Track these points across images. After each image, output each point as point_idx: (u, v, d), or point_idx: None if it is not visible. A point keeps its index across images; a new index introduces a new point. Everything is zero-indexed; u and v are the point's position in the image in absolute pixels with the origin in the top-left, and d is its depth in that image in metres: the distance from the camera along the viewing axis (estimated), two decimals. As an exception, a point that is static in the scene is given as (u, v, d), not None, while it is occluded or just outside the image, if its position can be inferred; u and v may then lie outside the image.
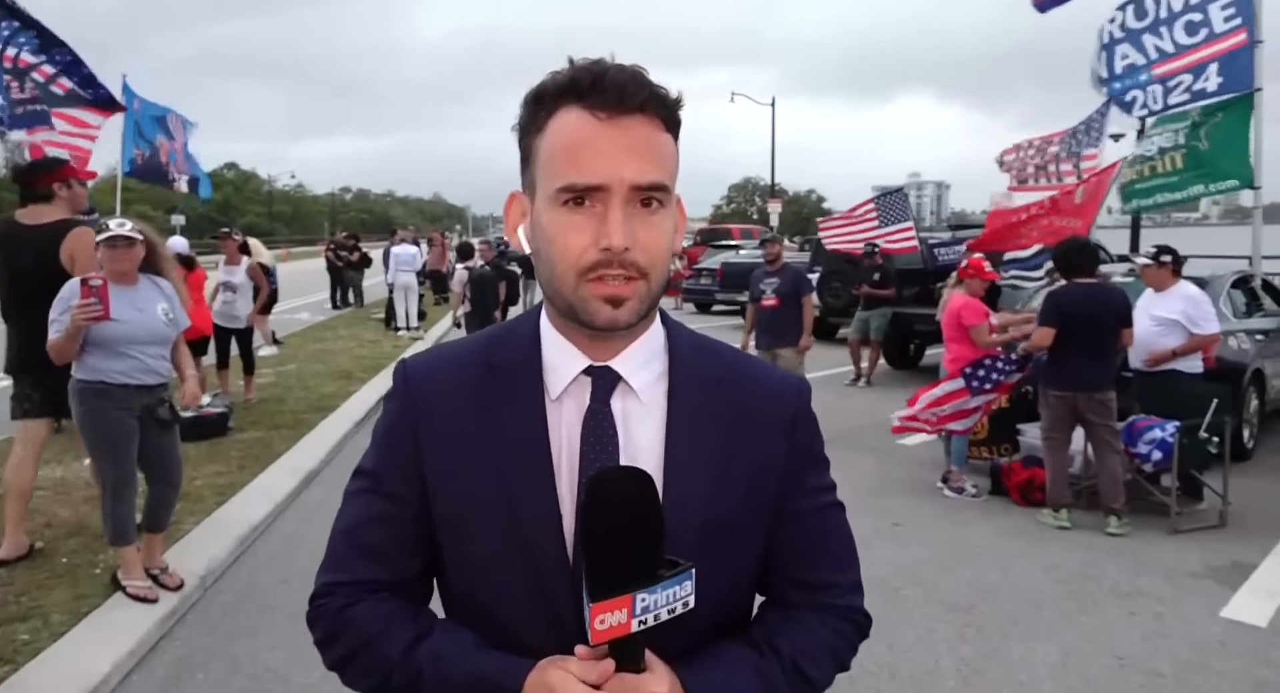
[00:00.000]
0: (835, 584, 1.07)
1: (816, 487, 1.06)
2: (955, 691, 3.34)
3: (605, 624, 0.82)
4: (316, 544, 4.20)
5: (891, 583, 4.35)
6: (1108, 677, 3.44)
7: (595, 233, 0.89)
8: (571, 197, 0.90)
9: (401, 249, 14.77)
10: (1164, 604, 4.13)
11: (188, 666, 3.51)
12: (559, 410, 0.98)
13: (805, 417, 1.06)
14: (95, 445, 3.77)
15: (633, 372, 0.98)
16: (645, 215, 0.91)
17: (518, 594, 0.96)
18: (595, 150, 0.89)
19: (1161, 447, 5.22)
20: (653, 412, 0.99)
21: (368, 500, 1.02)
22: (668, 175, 0.93)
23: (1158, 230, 76.24)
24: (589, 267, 0.90)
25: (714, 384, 1.01)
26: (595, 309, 0.91)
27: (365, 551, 1.02)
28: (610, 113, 0.90)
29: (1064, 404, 5.25)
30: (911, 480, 6.21)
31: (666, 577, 0.84)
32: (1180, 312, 5.46)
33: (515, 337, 1.03)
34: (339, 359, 11.21)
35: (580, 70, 0.91)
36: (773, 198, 34.65)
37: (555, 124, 0.92)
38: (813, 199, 67.01)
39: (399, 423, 1.02)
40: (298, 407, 8.11)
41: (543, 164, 0.93)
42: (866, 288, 10.07)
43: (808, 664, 1.00)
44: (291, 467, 6.20)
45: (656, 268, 0.92)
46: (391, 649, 0.97)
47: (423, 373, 1.03)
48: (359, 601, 1.00)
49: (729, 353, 1.08)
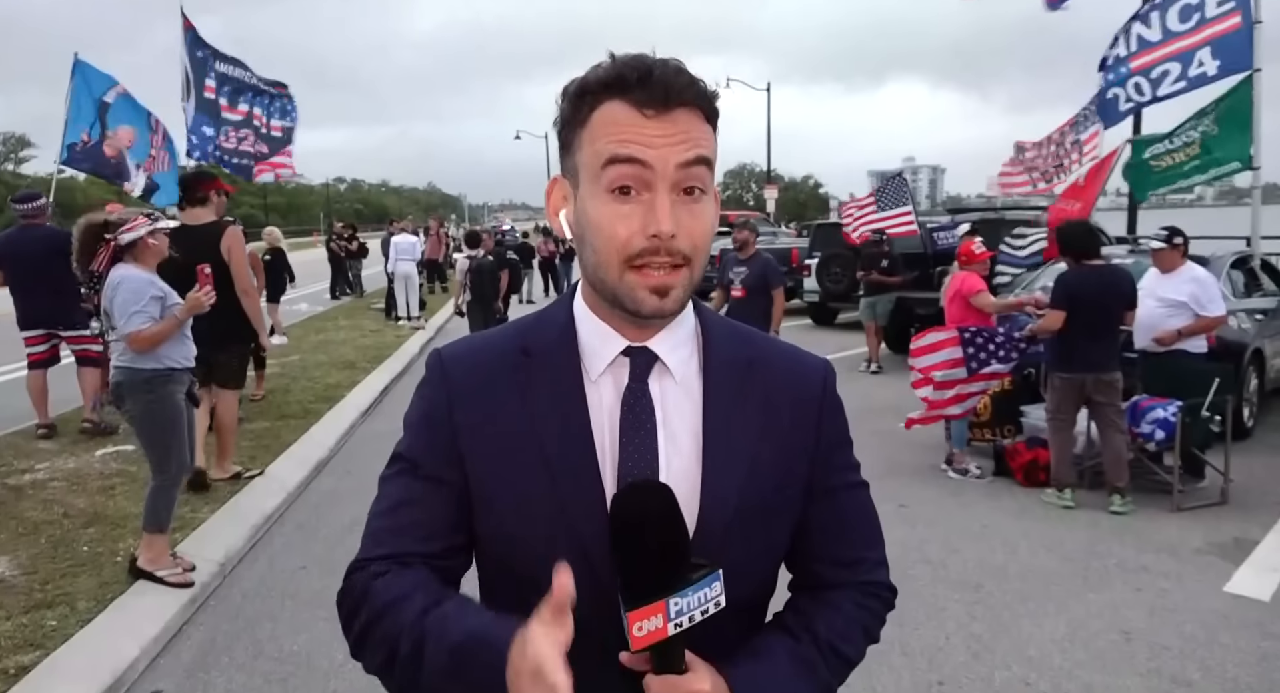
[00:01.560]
0: (864, 560, 1.10)
1: (844, 466, 1.10)
2: (966, 665, 3.41)
3: (644, 631, 0.85)
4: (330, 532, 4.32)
5: (900, 563, 4.38)
6: (1115, 650, 3.52)
7: (643, 220, 0.91)
8: (619, 184, 0.93)
9: (401, 239, 14.76)
10: (1169, 580, 4.20)
11: (212, 650, 3.57)
12: (598, 391, 1.01)
13: (832, 398, 1.09)
14: (164, 432, 3.88)
15: (668, 352, 1.01)
16: (689, 203, 0.94)
17: None
18: (642, 136, 0.91)
19: (1164, 426, 5.28)
20: (689, 393, 1.01)
21: (407, 482, 1.03)
22: (711, 153, 0.95)
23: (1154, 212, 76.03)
24: (635, 254, 0.92)
25: (745, 367, 1.04)
26: (642, 298, 0.94)
27: (402, 529, 1.02)
28: (657, 109, 0.92)
29: (1071, 386, 5.30)
30: (916, 463, 6.28)
31: (696, 580, 0.88)
32: (1189, 294, 5.51)
33: (549, 322, 1.05)
34: (342, 350, 11.24)
35: (625, 66, 0.93)
36: (769, 184, 34.60)
37: (599, 116, 0.94)
38: (809, 185, 66.81)
39: (436, 408, 1.03)
40: (304, 397, 8.14)
41: (587, 152, 0.95)
42: (875, 274, 10.09)
43: (842, 643, 1.04)
44: (301, 456, 6.25)
45: (699, 254, 0.95)
46: (406, 615, 0.94)
47: (459, 359, 1.05)
48: (388, 571, 1.00)
49: (757, 336, 1.10)
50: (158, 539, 3.91)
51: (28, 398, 6.64)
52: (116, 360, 3.92)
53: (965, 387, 5.78)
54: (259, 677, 3.36)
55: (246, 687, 3.29)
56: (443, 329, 13.72)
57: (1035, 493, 5.53)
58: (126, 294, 3.85)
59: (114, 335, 3.93)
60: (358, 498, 5.49)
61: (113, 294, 3.86)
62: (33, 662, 3.22)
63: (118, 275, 3.90)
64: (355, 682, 3.30)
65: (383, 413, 8.05)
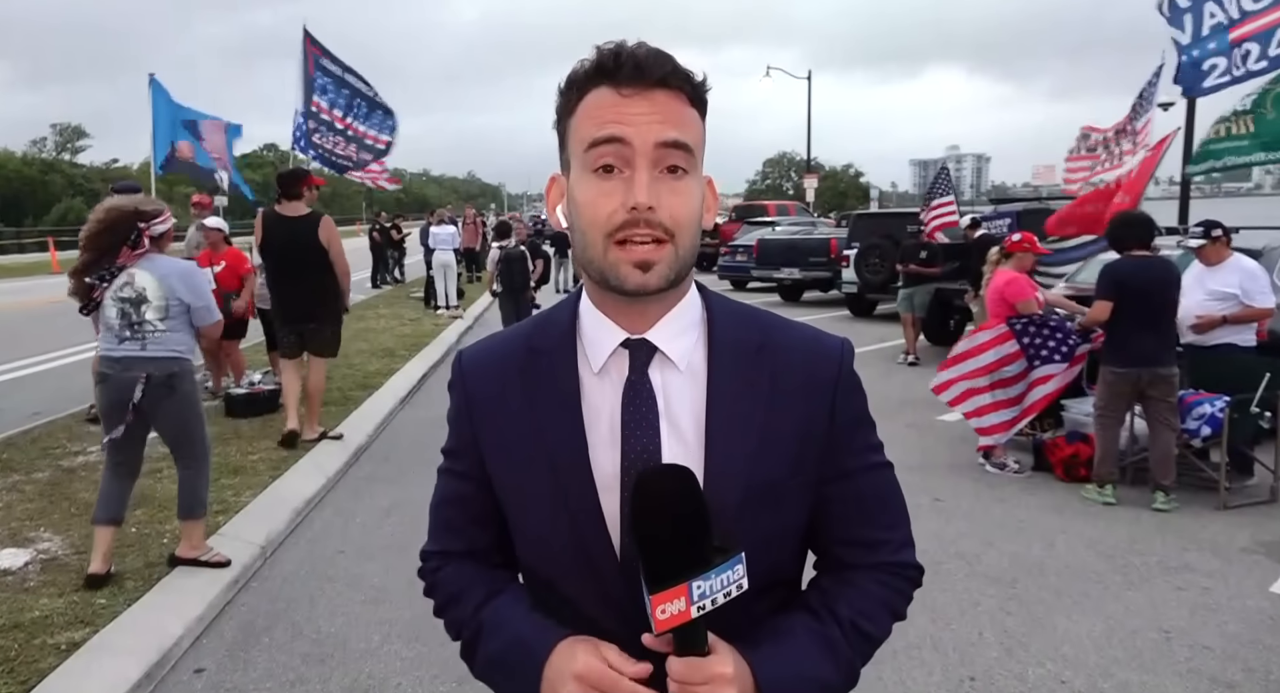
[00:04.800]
0: (887, 541, 1.09)
1: (863, 446, 1.09)
2: (999, 661, 3.38)
3: (666, 614, 0.87)
4: (368, 517, 4.40)
5: (933, 557, 4.37)
6: (1154, 649, 3.45)
7: (623, 196, 0.94)
8: (602, 162, 0.95)
9: (440, 229, 14.93)
10: (1212, 579, 4.11)
11: (253, 630, 3.67)
12: (602, 383, 1.02)
13: (848, 378, 1.07)
14: (201, 418, 4.04)
15: (668, 342, 1.02)
16: (671, 181, 0.95)
17: (569, 566, 1.02)
18: (620, 115, 0.94)
19: (1211, 422, 5.15)
20: (693, 380, 1.02)
21: (446, 480, 1.15)
22: (692, 138, 0.96)
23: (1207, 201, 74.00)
24: (617, 227, 0.94)
25: (754, 351, 1.04)
26: (625, 274, 0.96)
27: (445, 524, 1.15)
28: (634, 88, 0.95)
29: (1124, 381, 5.15)
30: (952, 456, 6.20)
31: (718, 563, 0.89)
32: (1237, 285, 5.36)
33: (556, 320, 1.08)
34: (382, 338, 11.41)
35: (603, 53, 0.97)
36: (809, 173, 34.22)
37: (584, 104, 0.98)
38: (850, 174, 65.90)
39: (459, 409, 1.11)
40: (344, 384, 8.29)
41: (574, 139, 0.99)
42: (913, 266, 9.96)
43: (865, 621, 1.04)
44: (341, 442, 6.36)
45: (684, 231, 0.96)
46: (464, 610, 1.10)
47: (473, 361, 1.12)
48: (445, 566, 1.15)
49: (770, 320, 1.10)
50: (198, 527, 4.02)
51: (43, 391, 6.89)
52: (167, 350, 3.78)
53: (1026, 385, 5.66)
54: (297, 657, 3.45)
55: (285, 667, 3.38)
56: (481, 318, 13.84)
57: (1075, 489, 5.43)
58: (201, 283, 3.94)
59: (166, 326, 3.78)
60: (395, 484, 5.58)
61: (183, 282, 3.83)
62: (83, 638, 3.34)
63: (179, 266, 3.92)
64: (390, 664, 3.37)
65: (420, 401, 8.16)
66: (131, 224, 3.76)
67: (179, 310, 3.84)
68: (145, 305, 3.78)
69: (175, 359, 3.84)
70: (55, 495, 5.05)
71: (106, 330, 3.80)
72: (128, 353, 3.76)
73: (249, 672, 3.34)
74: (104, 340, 3.81)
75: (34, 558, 4.15)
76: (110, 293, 3.77)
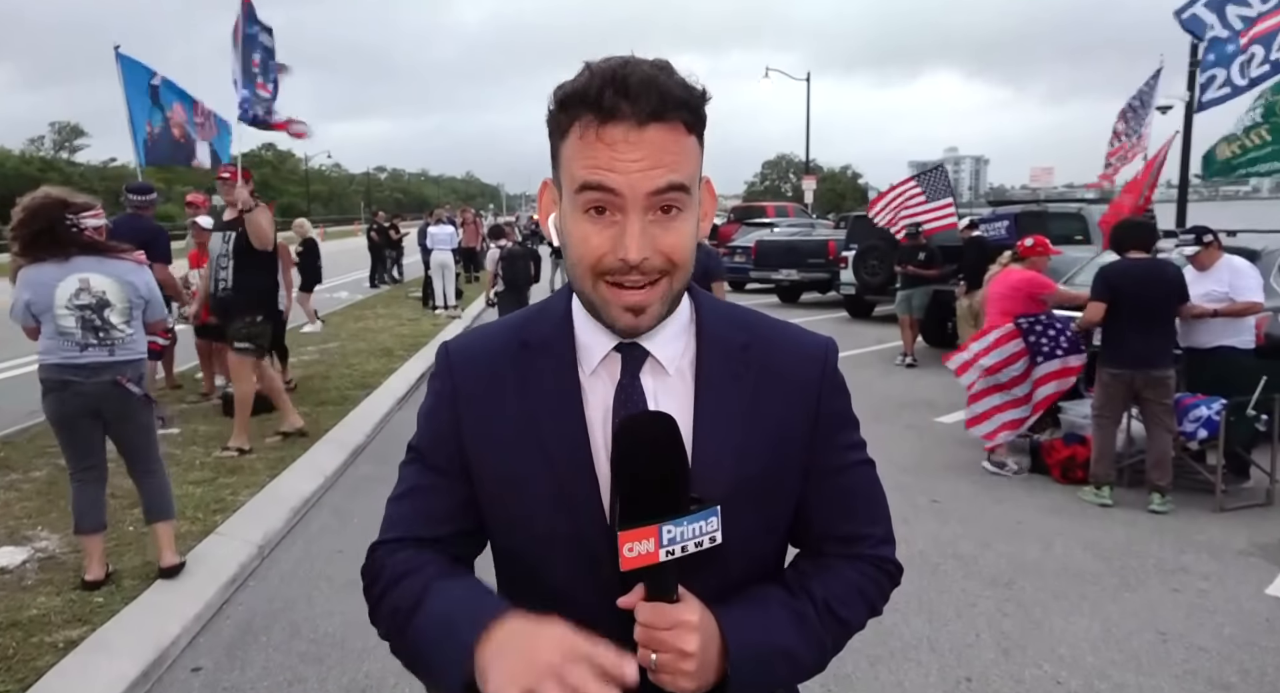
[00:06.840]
0: (867, 536, 1.11)
1: (846, 444, 1.10)
2: (995, 662, 3.38)
3: (634, 552, 0.87)
4: (366, 517, 4.39)
5: (930, 558, 4.38)
6: (1150, 651, 3.46)
7: (614, 242, 0.92)
8: (593, 206, 0.92)
9: (438, 229, 14.93)
10: (1209, 581, 4.12)
11: (250, 629, 3.67)
12: (594, 385, 1.03)
13: (832, 377, 1.09)
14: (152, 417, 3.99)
15: (659, 347, 1.02)
16: (665, 221, 0.93)
17: (562, 554, 1.02)
18: (611, 162, 0.91)
19: (1207, 424, 5.16)
20: (680, 384, 1.03)
21: (416, 471, 1.11)
22: (687, 176, 0.93)
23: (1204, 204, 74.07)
24: (607, 271, 0.94)
25: (740, 351, 1.05)
26: (616, 315, 0.95)
27: (413, 514, 1.10)
28: (625, 128, 0.90)
29: (1120, 383, 5.17)
30: (949, 458, 6.21)
31: (692, 511, 0.90)
32: (1228, 282, 5.38)
33: (547, 316, 1.08)
34: (380, 337, 11.41)
35: (597, 77, 0.91)
36: (807, 175, 34.24)
37: (574, 134, 0.93)
38: (848, 176, 66.02)
39: (441, 399, 1.09)
40: (342, 384, 8.29)
41: (565, 170, 0.96)
42: (911, 268, 9.97)
43: (838, 605, 1.05)
44: (339, 442, 6.37)
45: (679, 266, 0.95)
46: (415, 583, 1.02)
47: (463, 353, 1.10)
48: (401, 551, 1.08)
49: (757, 320, 1.11)
50: (172, 527, 3.99)
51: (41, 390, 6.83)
52: (135, 353, 3.77)
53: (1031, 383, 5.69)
54: (295, 657, 3.45)
55: (283, 666, 3.38)
56: (479, 318, 13.85)
57: (1072, 490, 5.45)
58: (151, 278, 3.86)
59: (133, 328, 3.75)
60: (393, 484, 5.57)
61: (139, 280, 3.78)
62: (80, 637, 3.34)
63: (129, 265, 3.79)
64: (388, 663, 3.37)
65: (418, 401, 8.08)
66: (59, 214, 3.62)
67: (139, 311, 3.79)
68: (109, 309, 3.68)
69: (142, 360, 3.83)
70: (53, 494, 5.04)
71: (62, 338, 3.61)
72: (94, 359, 3.65)
73: (246, 671, 3.34)
74: (60, 349, 3.62)
75: (32, 556, 4.15)
76: (63, 302, 3.61)
